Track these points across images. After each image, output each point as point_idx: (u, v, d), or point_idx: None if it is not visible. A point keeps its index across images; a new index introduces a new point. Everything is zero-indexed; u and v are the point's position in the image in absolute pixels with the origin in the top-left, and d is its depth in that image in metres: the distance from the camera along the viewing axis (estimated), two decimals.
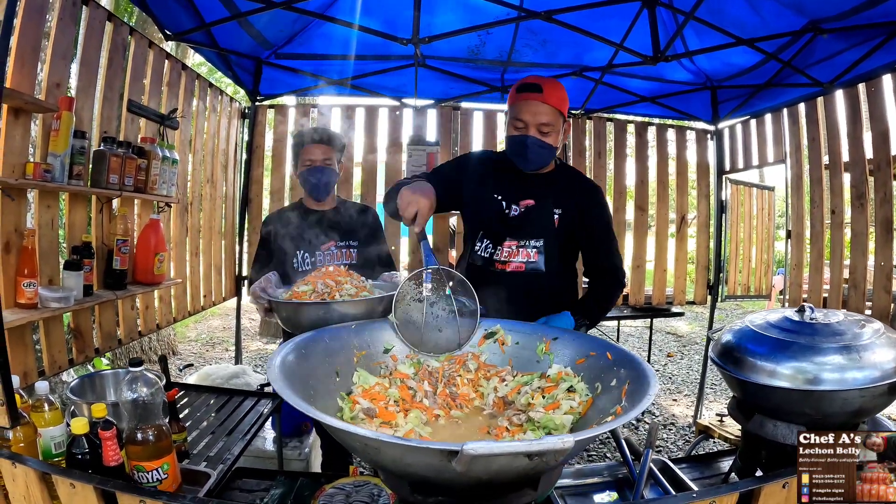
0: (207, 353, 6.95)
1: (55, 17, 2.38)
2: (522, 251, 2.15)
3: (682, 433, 4.79)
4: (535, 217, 2.16)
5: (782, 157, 4.15)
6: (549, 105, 2.01)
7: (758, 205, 6.60)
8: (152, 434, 1.33)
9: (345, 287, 1.92)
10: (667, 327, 9.13)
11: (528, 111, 2.02)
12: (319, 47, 3.89)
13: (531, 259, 2.15)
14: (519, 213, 2.17)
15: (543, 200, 2.17)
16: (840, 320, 1.59)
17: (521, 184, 2.19)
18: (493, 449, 0.88)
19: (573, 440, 0.91)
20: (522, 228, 2.16)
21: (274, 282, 2.12)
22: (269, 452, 2.97)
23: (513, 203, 2.19)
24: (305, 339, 1.51)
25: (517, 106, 2.05)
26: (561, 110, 2.05)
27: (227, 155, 4.39)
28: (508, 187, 2.20)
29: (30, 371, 2.30)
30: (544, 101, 2.01)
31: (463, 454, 0.87)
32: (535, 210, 2.16)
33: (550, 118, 2.02)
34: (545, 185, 2.19)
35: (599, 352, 1.50)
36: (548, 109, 2.01)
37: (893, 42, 2.87)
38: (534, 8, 3.07)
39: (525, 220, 2.16)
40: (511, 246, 2.16)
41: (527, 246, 2.15)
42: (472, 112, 4.74)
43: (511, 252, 2.16)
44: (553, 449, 0.90)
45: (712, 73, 4.12)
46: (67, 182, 2.35)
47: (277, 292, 2.03)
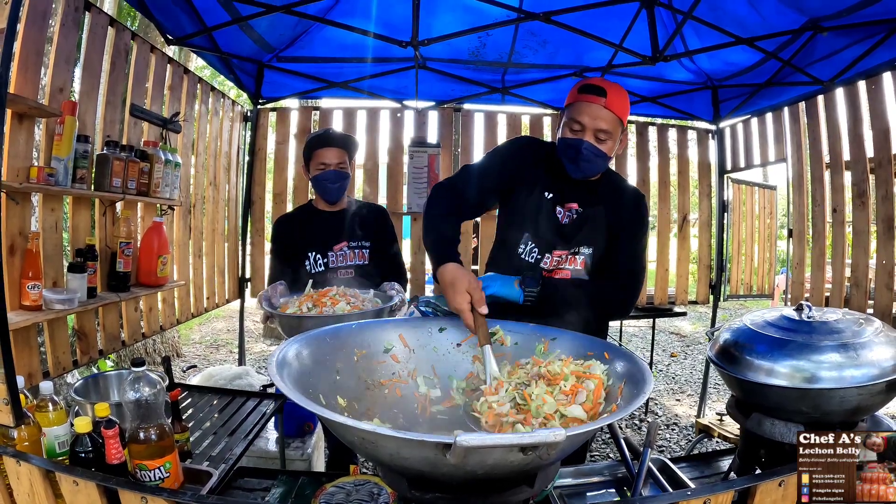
0: (211, 356, 6.98)
1: (58, 22, 2.40)
2: (571, 259, 2.02)
3: (685, 433, 4.79)
4: (586, 224, 2.01)
5: (783, 155, 4.15)
6: (611, 111, 1.86)
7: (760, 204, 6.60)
8: (154, 433, 1.35)
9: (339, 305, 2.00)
10: (670, 327, 9.12)
11: (587, 114, 1.87)
12: (320, 50, 3.91)
13: (577, 267, 2.02)
14: (570, 220, 2.02)
15: (592, 207, 2.01)
16: (838, 318, 1.59)
17: (571, 185, 2.02)
18: (485, 441, 0.89)
19: (565, 433, 0.92)
20: (574, 236, 2.01)
21: (280, 291, 2.17)
22: (271, 453, 2.99)
23: (557, 204, 2.03)
24: (306, 337, 1.52)
25: (576, 106, 1.90)
26: (622, 118, 1.91)
27: (229, 158, 4.42)
28: (560, 187, 2.03)
29: (34, 372, 2.32)
30: (606, 107, 1.86)
31: (456, 446, 0.88)
32: (585, 217, 2.01)
33: (610, 125, 1.87)
34: (593, 189, 2.04)
35: (597, 351, 1.51)
36: (609, 115, 1.87)
37: (893, 39, 2.87)
38: (533, 9, 3.09)
39: (576, 226, 2.02)
40: (561, 255, 2.02)
41: (578, 254, 2.02)
42: (473, 113, 4.76)
43: (560, 261, 2.02)
44: (545, 442, 0.91)
45: (713, 73, 4.12)
46: (71, 185, 2.38)
47: (280, 302, 2.10)
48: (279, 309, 2.13)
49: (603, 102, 1.85)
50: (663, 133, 4.97)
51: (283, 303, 2.20)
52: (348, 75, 4.22)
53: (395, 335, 1.69)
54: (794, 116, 4.00)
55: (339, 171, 2.62)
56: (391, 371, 1.63)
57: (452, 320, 1.71)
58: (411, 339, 1.68)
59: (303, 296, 2.20)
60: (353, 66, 4.06)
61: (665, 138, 4.98)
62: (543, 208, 2.02)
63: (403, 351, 1.68)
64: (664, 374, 6.64)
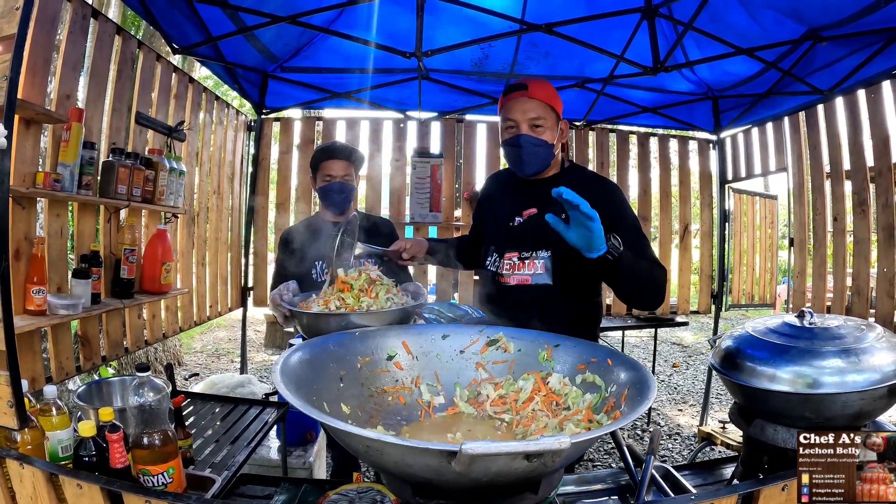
0: (213, 364, 6.97)
1: (65, 29, 2.44)
2: (528, 263, 2.01)
3: (688, 442, 4.77)
4: (539, 226, 1.92)
5: (784, 165, 4.17)
6: (537, 100, 1.94)
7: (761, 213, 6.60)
8: (158, 438, 1.35)
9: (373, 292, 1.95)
10: (672, 337, 9.10)
11: (515, 109, 1.95)
12: (324, 61, 3.95)
13: (537, 271, 1.99)
14: (521, 223, 2.05)
15: (547, 207, 1.92)
16: (839, 324, 1.59)
17: (526, 192, 2.08)
18: (490, 449, 0.89)
19: (570, 441, 0.92)
20: (525, 239, 2.02)
21: (292, 289, 2.15)
22: (273, 461, 2.98)
23: (516, 214, 2.07)
24: (310, 344, 1.52)
25: (505, 108, 1.99)
26: (551, 105, 1.96)
27: (233, 167, 4.44)
28: (513, 197, 2.11)
29: (38, 377, 2.33)
30: (530, 97, 1.94)
31: (462, 454, 0.89)
32: (539, 218, 1.96)
33: (540, 111, 1.94)
34: (550, 189, 1.93)
35: (600, 358, 1.52)
36: (535, 104, 1.94)
37: (892, 48, 2.90)
38: (535, 21, 3.12)
39: (527, 229, 2.03)
40: (512, 258, 2.03)
41: (533, 258, 2.00)
42: (475, 124, 4.79)
43: (513, 265, 2.03)
44: (550, 449, 0.91)
45: (713, 83, 4.15)
46: (77, 192, 2.40)
47: (294, 300, 2.05)
48: (299, 306, 1.98)
49: (526, 94, 1.94)
50: (664, 144, 4.99)
51: (300, 300, 2.06)
52: (351, 86, 4.26)
53: (398, 342, 1.70)
54: (795, 126, 4.02)
55: (344, 182, 2.65)
56: (395, 378, 1.63)
57: (456, 327, 1.72)
58: (415, 346, 1.69)
59: (322, 292, 2.05)
60: (357, 76, 4.09)
61: (666, 149, 5.01)
62: (499, 220, 2.11)
63: (407, 358, 1.68)
64: (666, 385, 6.62)
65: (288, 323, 2.04)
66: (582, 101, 4.42)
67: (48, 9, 2.23)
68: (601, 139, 4.84)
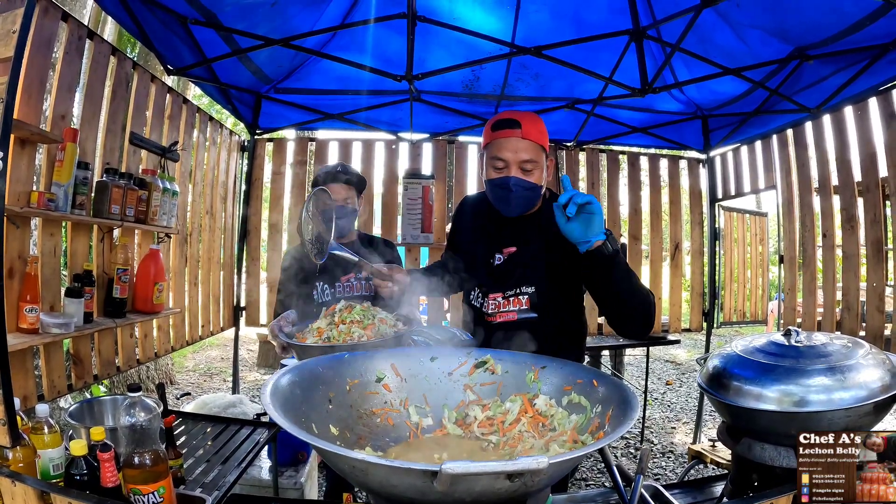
0: (205, 384, 6.92)
1: (61, 50, 2.47)
2: (513, 300, 1.98)
3: (682, 460, 4.76)
4: (520, 265, 1.98)
5: (773, 182, 4.22)
6: (530, 140, 1.85)
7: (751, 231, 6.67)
8: (149, 458, 1.35)
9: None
10: (665, 355, 9.10)
11: (507, 148, 1.85)
12: (317, 82, 3.99)
13: (522, 307, 1.97)
14: (502, 262, 2.02)
15: (527, 245, 1.99)
16: (826, 342, 1.61)
17: (504, 229, 2.04)
18: (470, 468, 0.90)
19: (548, 461, 0.93)
20: (507, 279, 2.00)
21: (291, 320, 2.17)
22: (265, 482, 2.96)
23: (496, 251, 2.04)
24: (300, 367, 1.53)
25: (495, 144, 1.88)
26: (542, 145, 1.89)
27: (226, 187, 4.46)
28: (493, 233, 2.06)
29: (29, 395, 2.32)
30: (524, 137, 1.84)
31: (442, 474, 0.90)
32: (520, 257, 1.99)
33: (532, 154, 1.86)
34: (531, 226, 2.01)
35: (586, 379, 1.53)
36: (528, 145, 1.85)
37: (878, 65, 2.94)
38: (525, 44, 3.17)
39: (509, 269, 2.00)
40: (496, 298, 2.00)
41: (518, 294, 1.98)
42: (467, 145, 4.85)
43: (497, 304, 2.00)
44: (529, 469, 0.92)
45: (702, 103, 4.21)
46: (70, 211, 2.41)
47: (293, 331, 2.08)
48: (295, 338, 2.06)
49: (519, 134, 1.85)
50: (654, 163, 5.05)
51: (296, 331, 2.13)
52: (344, 107, 4.30)
53: (387, 364, 1.69)
54: (783, 144, 4.08)
55: (345, 206, 2.66)
56: (383, 400, 1.63)
57: (445, 349, 1.73)
58: (403, 368, 1.68)
59: (316, 323, 2.13)
60: (349, 98, 4.13)
61: (656, 168, 5.06)
62: (479, 258, 2.07)
63: (395, 380, 1.68)
64: (660, 402, 6.61)
65: (286, 353, 2.08)
66: (572, 122, 4.47)
67: (44, 31, 2.26)
68: (592, 159, 4.90)
